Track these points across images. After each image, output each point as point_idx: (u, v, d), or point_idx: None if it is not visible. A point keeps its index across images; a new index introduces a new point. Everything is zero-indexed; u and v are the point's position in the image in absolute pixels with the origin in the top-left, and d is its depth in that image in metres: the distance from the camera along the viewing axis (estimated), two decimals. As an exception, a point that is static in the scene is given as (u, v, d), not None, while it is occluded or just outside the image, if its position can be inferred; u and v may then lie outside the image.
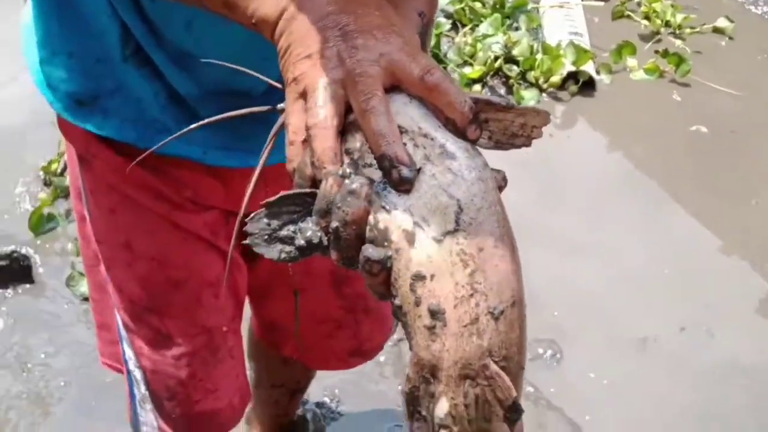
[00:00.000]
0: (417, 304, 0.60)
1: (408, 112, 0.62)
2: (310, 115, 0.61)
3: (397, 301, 0.61)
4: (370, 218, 0.60)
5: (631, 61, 2.86)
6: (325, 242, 0.62)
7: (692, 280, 2.21)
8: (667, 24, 3.05)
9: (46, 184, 2.27)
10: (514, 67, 2.76)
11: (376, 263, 0.60)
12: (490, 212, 0.61)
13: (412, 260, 0.60)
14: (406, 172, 0.59)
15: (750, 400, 1.94)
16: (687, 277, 2.21)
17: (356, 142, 0.62)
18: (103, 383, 1.80)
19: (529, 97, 2.70)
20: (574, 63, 2.74)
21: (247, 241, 0.64)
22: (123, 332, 1.16)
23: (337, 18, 0.62)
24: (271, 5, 0.65)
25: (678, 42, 2.99)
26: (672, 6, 3.08)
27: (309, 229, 0.63)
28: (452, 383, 0.61)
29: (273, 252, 0.65)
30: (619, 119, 2.72)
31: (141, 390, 1.21)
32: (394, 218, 0.60)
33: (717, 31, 3.05)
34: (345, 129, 0.62)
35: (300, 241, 0.64)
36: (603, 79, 2.83)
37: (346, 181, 0.60)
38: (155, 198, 1.03)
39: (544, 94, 2.74)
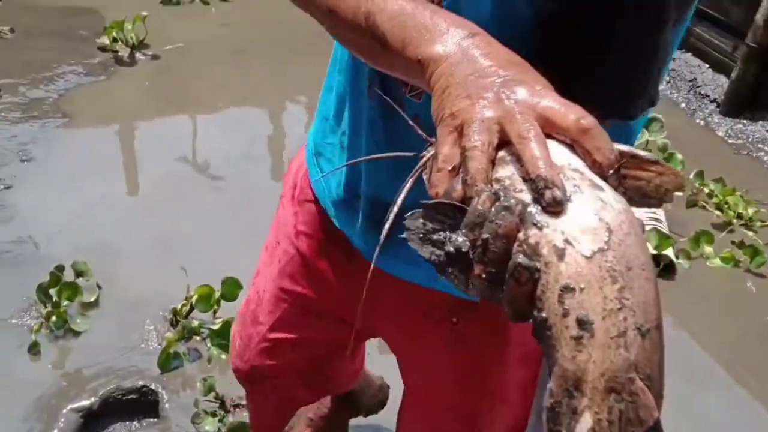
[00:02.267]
0: (565, 315, 0.62)
1: (560, 151, 0.67)
2: (466, 140, 0.66)
3: (542, 315, 0.62)
4: (520, 234, 0.63)
5: (708, 249, 3.04)
6: (471, 255, 0.65)
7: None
8: (739, 216, 3.26)
9: (173, 324, 2.45)
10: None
11: (525, 270, 0.62)
12: (637, 239, 0.64)
13: (562, 273, 0.62)
14: (559, 193, 0.63)
15: None
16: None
17: (506, 171, 0.66)
18: None
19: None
20: (656, 247, 2.92)
21: (403, 235, 0.68)
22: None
23: (498, 70, 0.68)
24: (437, 48, 0.72)
25: (750, 233, 3.19)
26: (743, 199, 3.30)
27: (459, 238, 0.66)
28: (597, 396, 0.61)
29: (425, 251, 0.69)
30: (694, 303, 2.86)
31: None
32: (545, 234, 0.63)
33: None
34: (495, 162, 0.66)
35: (449, 248, 0.67)
36: (682, 263, 3.00)
37: (502, 197, 0.64)
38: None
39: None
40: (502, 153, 0.66)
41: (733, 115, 4.00)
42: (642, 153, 0.70)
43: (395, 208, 0.76)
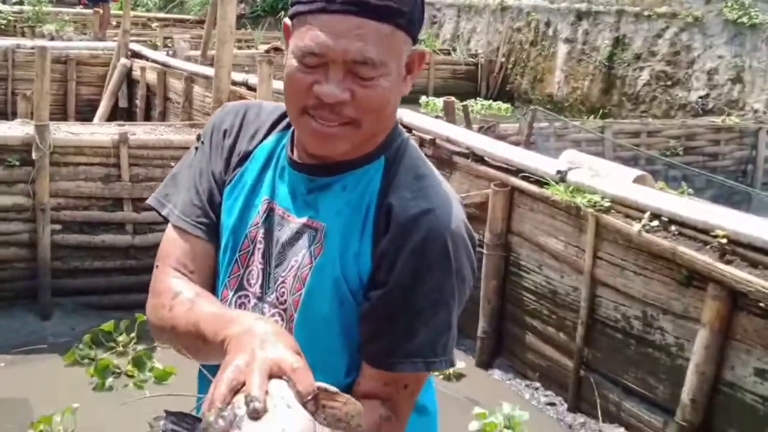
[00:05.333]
0: None
1: (280, 384, 1.07)
2: (217, 376, 1.07)
3: None
4: None
5: None
6: None
7: None
8: None
9: None
10: None
11: None
12: None
13: None
14: (258, 405, 1.02)
15: None
16: None
17: (239, 397, 1.05)
18: None
19: None
20: None
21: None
22: None
23: (261, 335, 1.13)
24: (233, 330, 1.17)
25: None
26: None
27: None
28: None
29: None
30: None
31: None
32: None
33: None
34: (238, 392, 1.06)
35: None
36: None
37: (225, 412, 1.03)
38: None
39: None
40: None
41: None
42: (331, 388, 1.08)
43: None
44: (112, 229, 5.68)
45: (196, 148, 1.50)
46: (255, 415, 1.02)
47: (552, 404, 4.79)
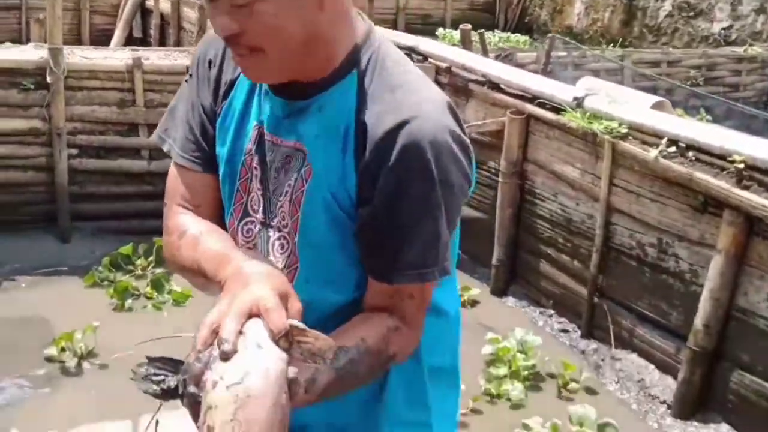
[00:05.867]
0: (203, 423, 1.08)
1: (257, 323, 1.15)
2: (202, 321, 1.18)
3: (198, 423, 1.09)
4: (204, 375, 1.12)
5: None
6: (180, 391, 1.15)
7: None
8: None
9: None
10: None
11: (191, 396, 1.13)
12: (267, 380, 1.10)
13: (210, 398, 1.09)
14: (227, 347, 1.12)
15: None
16: None
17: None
18: None
19: None
20: None
21: (131, 377, 1.20)
22: None
23: (247, 277, 1.22)
24: (227, 271, 1.26)
25: None
26: None
27: (172, 382, 1.17)
28: None
29: (142, 387, 1.19)
30: None
31: None
32: (211, 373, 1.11)
33: None
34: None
35: (164, 386, 1.18)
36: None
37: (201, 354, 1.13)
38: None
39: None
40: None
41: (684, 417, 4.01)
42: (302, 325, 1.16)
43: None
44: (128, 154, 5.69)
45: (187, 81, 1.50)
46: (224, 356, 1.11)
47: (565, 331, 4.84)
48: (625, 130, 4.43)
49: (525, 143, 5.11)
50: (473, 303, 5.12)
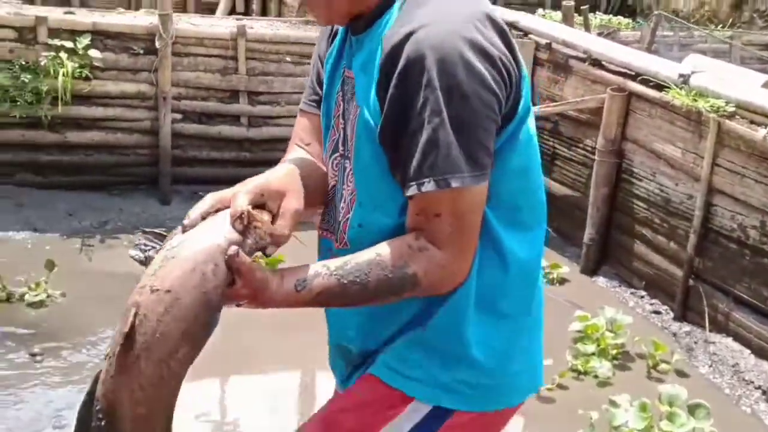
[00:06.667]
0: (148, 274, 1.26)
1: (222, 212, 1.29)
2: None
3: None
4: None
5: None
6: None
7: None
8: None
9: None
10: None
11: (148, 259, 1.34)
12: (194, 251, 1.23)
13: (154, 261, 1.27)
14: (185, 221, 1.29)
15: None
16: None
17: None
18: None
19: None
20: None
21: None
22: None
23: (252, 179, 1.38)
24: None
25: None
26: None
27: (154, 252, 1.32)
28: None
29: (131, 252, 1.38)
30: None
31: None
32: (171, 241, 1.28)
33: None
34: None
35: (147, 254, 1.35)
36: None
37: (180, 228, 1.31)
38: None
39: None
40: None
41: (781, 406, 3.88)
42: (255, 212, 1.29)
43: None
44: (228, 120, 5.83)
45: None
46: (183, 229, 1.29)
47: (657, 312, 4.73)
48: (732, 109, 4.29)
49: (624, 121, 5.00)
50: (562, 281, 5.06)
